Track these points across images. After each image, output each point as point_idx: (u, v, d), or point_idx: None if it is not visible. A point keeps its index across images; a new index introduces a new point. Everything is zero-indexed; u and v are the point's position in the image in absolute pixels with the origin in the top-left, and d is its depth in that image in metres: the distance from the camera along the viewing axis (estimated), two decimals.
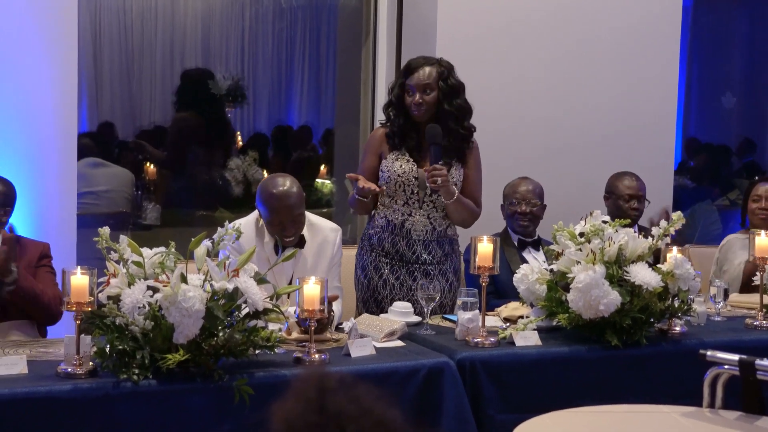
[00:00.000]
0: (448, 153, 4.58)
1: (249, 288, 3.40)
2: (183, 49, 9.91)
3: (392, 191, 4.60)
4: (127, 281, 3.36)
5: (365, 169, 4.66)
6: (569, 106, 6.23)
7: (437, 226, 4.62)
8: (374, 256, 4.66)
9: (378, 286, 4.63)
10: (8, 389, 3.20)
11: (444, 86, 4.56)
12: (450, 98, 4.57)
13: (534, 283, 4.14)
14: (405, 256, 4.62)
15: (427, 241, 4.62)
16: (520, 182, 5.20)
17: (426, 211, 4.61)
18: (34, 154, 5.12)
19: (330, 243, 4.43)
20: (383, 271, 4.63)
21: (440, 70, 4.58)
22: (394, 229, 4.61)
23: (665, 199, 6.30)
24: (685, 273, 4.11)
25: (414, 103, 4.55)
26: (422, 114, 4.55)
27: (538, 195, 5.15)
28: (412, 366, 3.72)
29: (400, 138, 4.61)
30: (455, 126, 4.57)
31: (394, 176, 4.58)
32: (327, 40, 10.23)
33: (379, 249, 4.64)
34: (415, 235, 4.60)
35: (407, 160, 4.59)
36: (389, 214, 4.62)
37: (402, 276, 4.62)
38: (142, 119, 9.68)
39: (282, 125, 10.27)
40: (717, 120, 10.62)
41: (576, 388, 3.94)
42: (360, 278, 4.70)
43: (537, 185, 5.19)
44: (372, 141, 4.74)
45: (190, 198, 8.27)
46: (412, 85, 4.56)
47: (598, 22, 6.27)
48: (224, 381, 3.35)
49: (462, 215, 4.64)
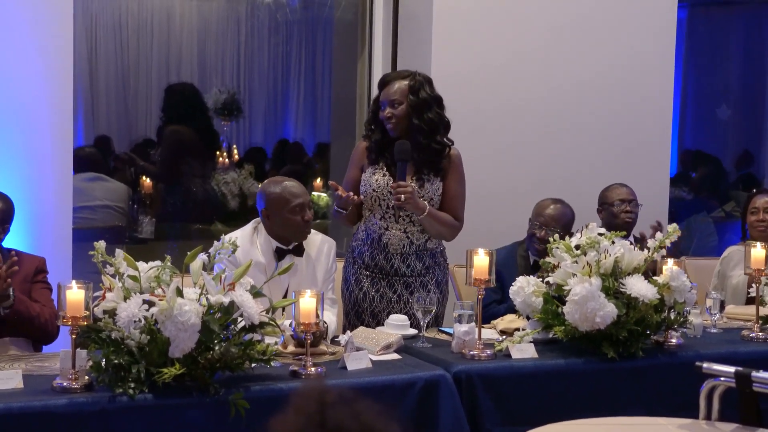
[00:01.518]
0: (420, 168, 4.57)
1: (245, 301, 3.39)
2: (179, 64, 9.92)
3: (370, 205, 4.61)
4: (123, 295, 3.35)
5: (348, 180, 4.67)
6: (565, 118, 6.24)
7: (415, 240, 4.60)
8: (356, 268, 4.66)
9: (358, 298, 4.64)
10: (3, 404, 3.18)
11: (414, 100, 4.52)
12: (420, 112, 4.52)
13: (530, 296, 4.13)
14: (384, 269, 4.61)
15: (405, 254, 4.60)
16: (549, 204, 5.12)
17: (402, 225, 4.58)
18: (30, 168, 5.12)
19: (325, 255, 4.46)
20: (363, 283, 4.63)
21: (412, 83, 4.54)
22: (372, 242, 4.61)
23: (661, 210, 6.31)
24: (681, 285, 4.11)
25: (384, 117, 4.55)
26: (394, 127, 4.54)
27: (562, 224, 5.03)
28: (408, 379, 3.72)
29: (376, 152, 4.61)
30: (425, 140, 4.53)
31: (370, 190, 4.58)
32: (323, 54, 10.24)
33: (360, 262, 4.65)
34: (392, 249, 4.58)
35: (383, 174, 4.59)
36: (368, 227, 4.63)
37: (382, 288, 4.61)
38: (138, 133, 9.68)
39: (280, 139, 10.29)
40: (713, 132, 10.63)
41: (573, 401, 3.93)
42: (343, 290, 4.71)
43: (565, 213, 5.10)
44: (355, 154, 4.75)
45: (186, 211, 8.26)
46: (382, 100, 4.57)
47: (594, 35, 6.28)
48: (220, 395, 3.34)
49: (437, 229, 4.60)
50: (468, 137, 4.73)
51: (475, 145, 4.68)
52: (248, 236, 4.36)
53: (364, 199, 4.60)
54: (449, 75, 5.75)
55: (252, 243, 4.35)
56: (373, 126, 4.65)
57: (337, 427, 1.42)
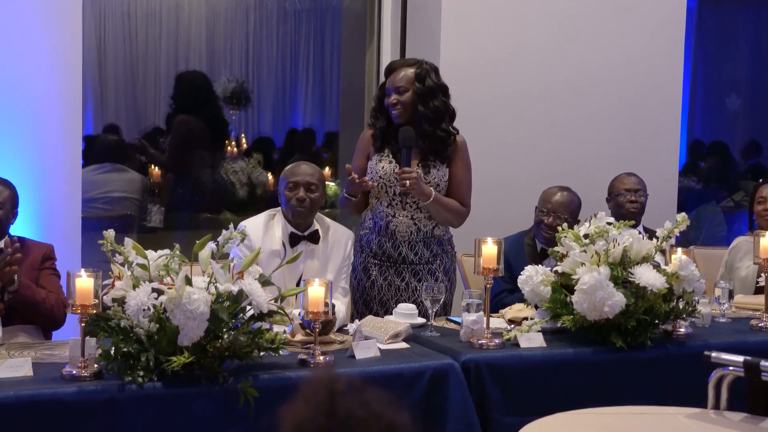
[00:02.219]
0: (425, 155, 4.58)
1: (253, 290, 3.40)
2: (187, 53, 9.91)
3: (376, 192, 4.61)
4: (132, 284, 3.36)
5: (355, 169, 4.66)
6: (574, 108, 6.23)
7: (422, 227, 4.62)
8: (363, 257, 4.67)
9: (366, 287, 4.64)
10: (13, 391, 3.20)
11: (420, 87, 4.54)
12: (425, 100, 4.54)
13: (538, 285, 4.13)
14: (392, 256, 4.63)
15: (413, 242, 4.62)
16: (556, 192, 5.07)
17: (409, 212, 4.60)
18: (40, 157, 5.13)
19: (342, 246, 4.46)
20: (371, 272, 4.64)
21: (418, 71, 4.56)
22: (380, 230, 4.62)
23: (670, 200, 6.31)
24: (689, 274, 4.11)
25: (390, 103, 4.56)
26: (399, 114, 4.55)
27: (569, 211, 4.99)
28: (417, 368, 3.72)
29: (381, 140, 4.62)
30: (430, 128, 4.54)
31: (376, 177, 4.59)
32: (331, 43, 10.23)
33: (368, 250, 4.66)
34: (400, 236, 4.60)
35: (390, 161, 4.60)
36: (375, 215, 4.64)
37: (390, 276, 4.62)
38: (147, 123, 9.68)
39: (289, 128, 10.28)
40: (722, 122, 10.61)
41: (581, 390, 3.93)
42: (351, 279, 4.71)
43: (572, 200, 5.05)
44: (361, 142, 4.75)
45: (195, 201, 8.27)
46: (388, 87, 4.58)
47: (602, 25, 6.27)
48: (229, 383, 3.35)
49: (444, 216, 4.62)
50: (476, 127, 4.73)
51: (484, 135, 4.68)
52: (263, 224, 4.36)
53: (373, 186, 4.60)
54: (458, 65, 5.74)
55: (267, 230, 4.35)
56: (378, 113, 4.66)
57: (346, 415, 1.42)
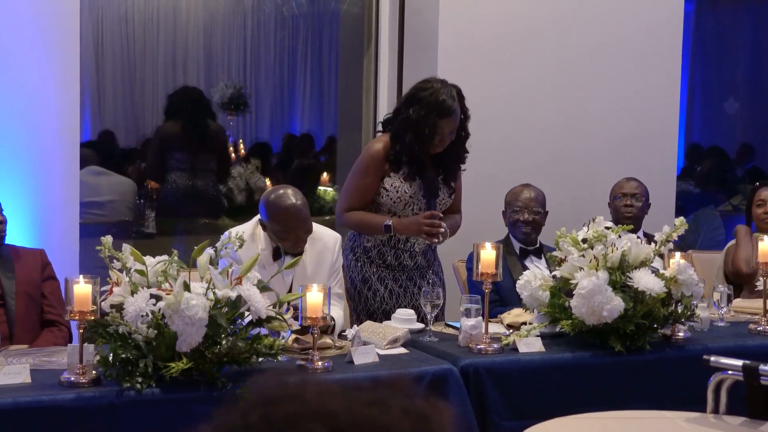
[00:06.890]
0: (447, 180, 4.68)
1: (252, 296, 3.39)
2: (185, 58, 9.92)
3: (400, 211, 4.59)
4: (130, 290, 3.36)
5: (364, 188, 4.60)
6: (572, 112, 6.23)
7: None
8: (360, 265, 4.68)
9: (368, 297, 4.65)
10: (11, 398, 3.19)
11: (462, 119, 4.63)
12: (462, 127, 4.64)
13: (537, 290, 4.13)
14: (391, 264, 4.65)
15: (414, 252, 4.69)
16: (522, 189, 5.14)
17: None
18: (37, 162, 5.12)
19: (330, 250, 4.41)
20: (371, 281, 4.65)
21: (460, 104, 4.60)
22: (396, 244, 4.64)
23: (668, 204, 6.30)
24: (688, 278, 4.11)
25: (443, 141, 4.54)
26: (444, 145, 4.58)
27: (540, 203, 5.09)
28: (415, 373, 3.71)
29: (398, 162, 4.56)
30: (458, 150, 4.66)
31: (406, 197, 4.57)
32: (329, 48, 10.24)
33: (365, 258, 4.66)
34: (417, 247, 4.66)
35: (410, 185, 4.57)
36: None
37: (390, 284, 4.65)
38: (144, 128, 9.68)
39: (287, 133, 10.29)
40: (720, 125, 10.62)
41: (580, 394, 3.93)
42: (350, 290, 4.70)
43: (539, 193, 5.13)
44: (371, 161, 4.60)
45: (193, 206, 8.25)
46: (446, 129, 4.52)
47: (600, 29, 6.27)
48: (227, 389, 3.35)
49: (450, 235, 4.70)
50: (473, 131, 4.72)
51: (480, 139, 4.68)
52: (250, 231, 4.33)
53: (392, 205, 4.59)
54: (456, 69, 5.74)
55: (254, 239, 4.31)
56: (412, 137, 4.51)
57: None
